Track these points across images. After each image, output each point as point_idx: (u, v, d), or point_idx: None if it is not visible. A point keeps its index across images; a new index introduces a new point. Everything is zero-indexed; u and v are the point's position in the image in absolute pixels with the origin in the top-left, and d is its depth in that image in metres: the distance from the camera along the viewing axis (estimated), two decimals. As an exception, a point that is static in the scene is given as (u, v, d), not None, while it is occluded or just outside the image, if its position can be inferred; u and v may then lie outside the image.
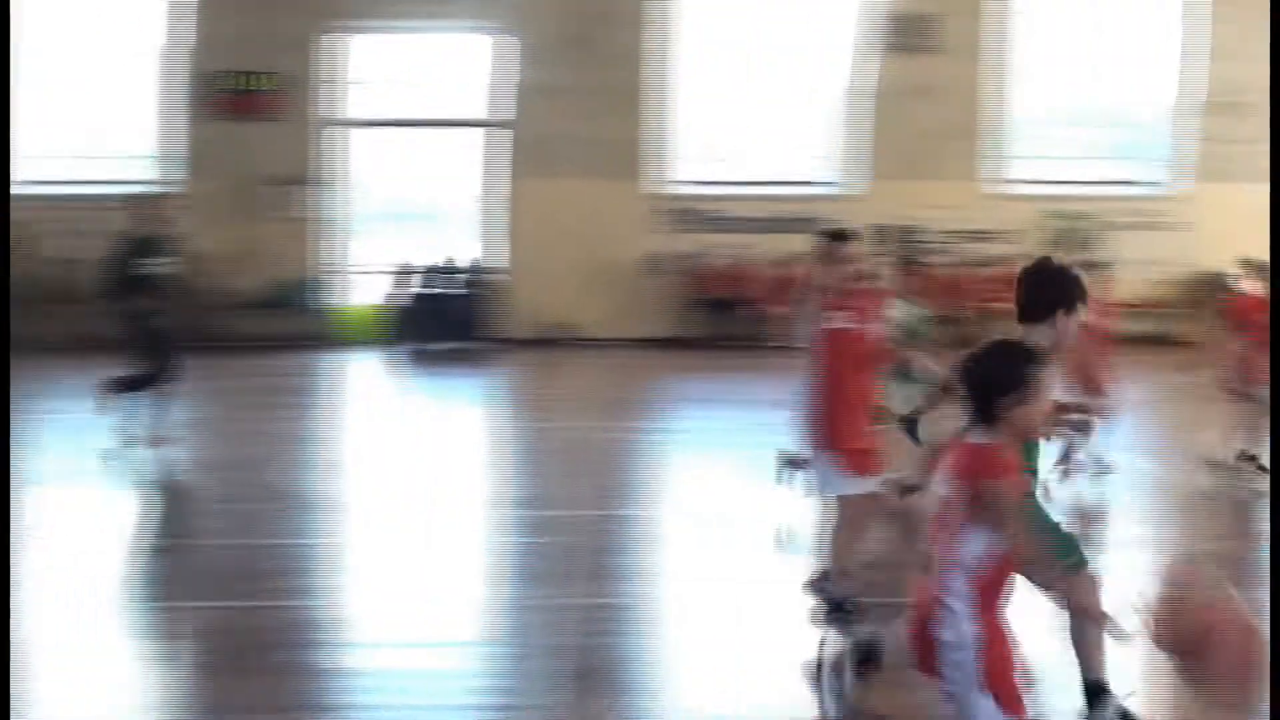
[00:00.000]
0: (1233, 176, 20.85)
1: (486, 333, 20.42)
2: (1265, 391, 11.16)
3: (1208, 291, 19.67)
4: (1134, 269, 20.13)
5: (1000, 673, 4.56)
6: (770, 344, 20.09)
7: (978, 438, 4.59)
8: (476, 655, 7.60)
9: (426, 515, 10.57)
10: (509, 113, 20.69)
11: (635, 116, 20.79)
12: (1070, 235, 20.90)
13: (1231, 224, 19.80)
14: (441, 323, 20.29)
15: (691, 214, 21.11)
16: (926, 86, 20.58)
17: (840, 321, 7.30)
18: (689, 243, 20.94)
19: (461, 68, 20.97)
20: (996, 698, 4.53)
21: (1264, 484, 11.17)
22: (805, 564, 8.31)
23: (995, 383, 4.57)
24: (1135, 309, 19.75)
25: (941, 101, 20.66)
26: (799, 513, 10.82)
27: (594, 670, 7.21)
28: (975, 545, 4.51)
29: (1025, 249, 20.15)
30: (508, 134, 20.75)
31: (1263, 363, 11.10)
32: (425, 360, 20.00)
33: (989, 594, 4.58)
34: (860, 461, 7.43)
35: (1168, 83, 21.71)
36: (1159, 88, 21.81)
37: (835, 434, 7.35)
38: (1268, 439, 11.44)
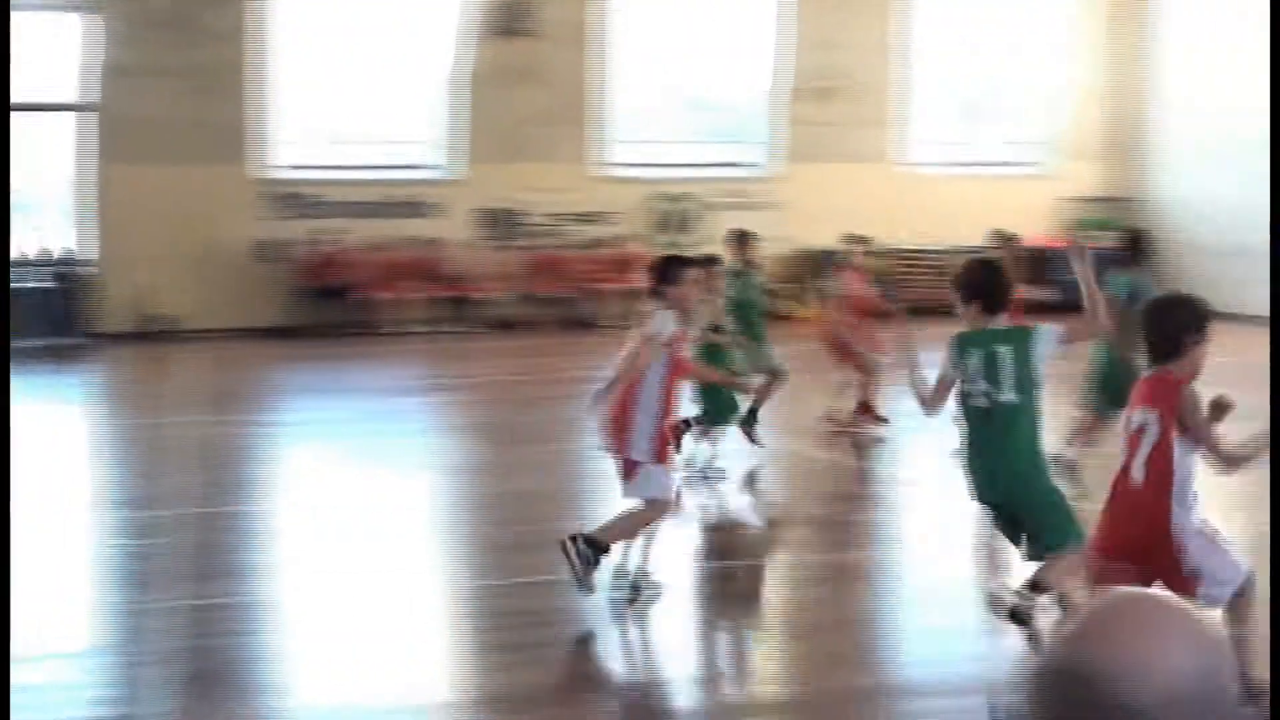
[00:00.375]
0: (821, 158, 21.70)
1: (82, 327, 19.63)
2: (873, 352, 12.15)
3: (808, 266, 20.49)
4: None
5: None
6: (379, 331, 20.11)
7: (1163, 372, 5.86)
8: (87, 666, 7.30)
9: (25, 521, 10.09)
10: (98, 95, 19.89)
11: (234, 99, 20.25)
12: (673, 216, 21.43)
13: (821, 202, 20.64)
14: (34, 318, 19.38)
15: (295, 199, 20.73)
16: (528, 71, 20.71)
17: (680, 349, 8.02)
18: (293, 229, 20.56)
19: (49, 49, 20.06)
20: None
21: (879, 430, 12.00)
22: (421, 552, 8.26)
23: (1185, 324, 5.85)
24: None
25: (544, 86, 20.83)
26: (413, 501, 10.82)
27: (212, 673, 7.02)
28: (1187, 458, 5.80)
29: (631, 230, 20.61)
30: (98, 118, 19.94)
31: (867, 328, 12.16)
32: (18, 358, 19.09)
33: None
34: (669, 465, 8.07)
35: (763, 69, 22.43)
36: (755, 74, 22.52)
37: (665, 446, 7.95)
38: (877, 390, 12.31)
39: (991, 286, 6.94)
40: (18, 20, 19.41)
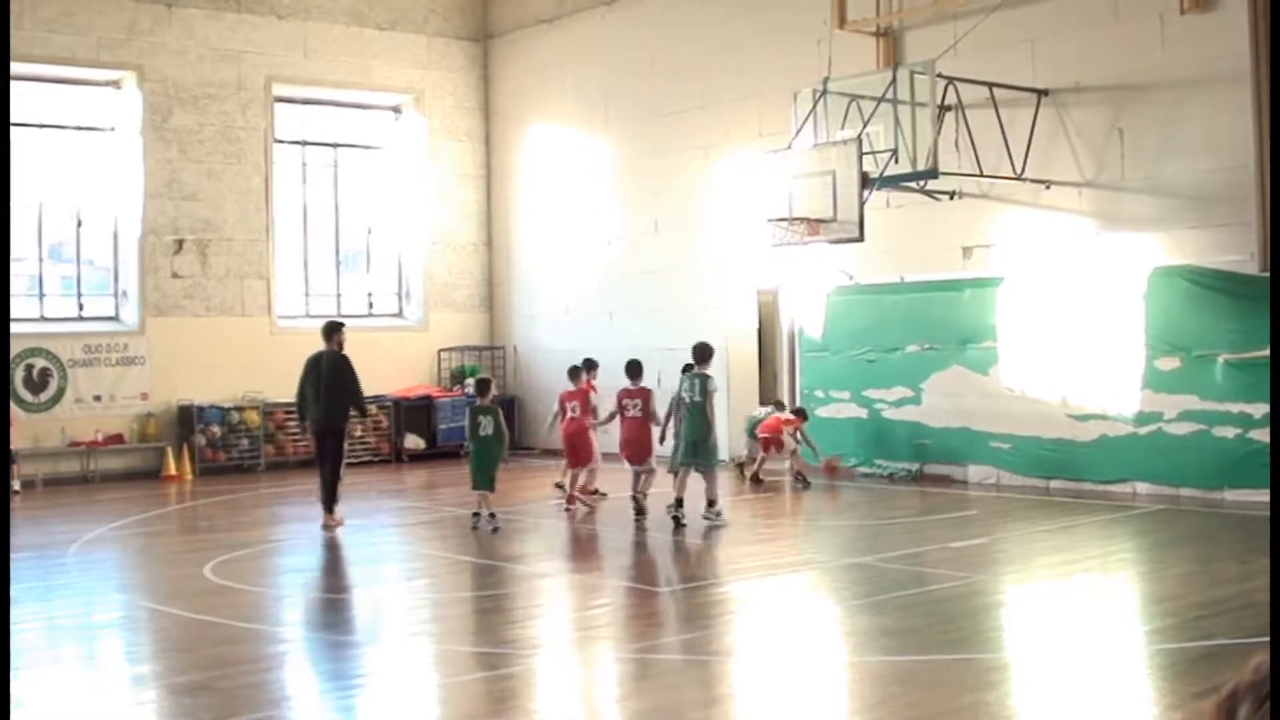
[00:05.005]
0: (187, 311, 20.75)
1: None
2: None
3: (175, 422, 19.45)
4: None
5: None
6: None
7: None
8: None
9: None
10: None
11: None
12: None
13: (187, 357, 19.52)
14: None
15: None
16: None
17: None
18: None
19: None
20: None
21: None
22: None
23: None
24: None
25: None
26: None
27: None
28: None
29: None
30: None
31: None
32: None
33: None
34: None
35: (126, 220, 21.23)
36: (118, 225, 21.28)
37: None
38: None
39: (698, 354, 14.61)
40: None
